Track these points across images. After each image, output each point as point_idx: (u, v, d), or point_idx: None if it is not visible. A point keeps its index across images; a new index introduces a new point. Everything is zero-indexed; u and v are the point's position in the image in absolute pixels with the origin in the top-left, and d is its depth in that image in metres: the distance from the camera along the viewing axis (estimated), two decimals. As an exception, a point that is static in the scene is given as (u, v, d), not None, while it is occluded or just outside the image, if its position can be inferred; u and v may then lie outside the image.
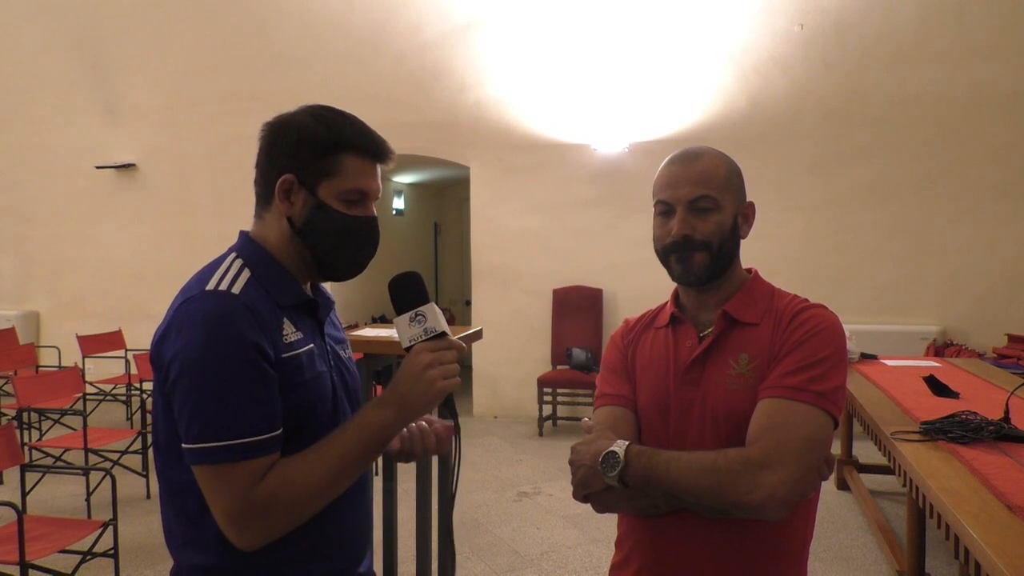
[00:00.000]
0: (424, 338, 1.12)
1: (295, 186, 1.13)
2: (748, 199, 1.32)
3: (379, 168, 1.18)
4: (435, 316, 1.12)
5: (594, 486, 1.20)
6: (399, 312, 1.14)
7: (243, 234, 1.20)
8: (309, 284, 1.23)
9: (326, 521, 1.13)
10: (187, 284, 1.12)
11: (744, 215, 1.30)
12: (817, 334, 1.19)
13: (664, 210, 1.28)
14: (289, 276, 1.16)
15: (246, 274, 1.11)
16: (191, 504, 1.08)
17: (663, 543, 1.25)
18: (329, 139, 1.12)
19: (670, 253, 1.27)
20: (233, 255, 1.15)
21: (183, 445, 1.04)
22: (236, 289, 1.07)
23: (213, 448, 1.01)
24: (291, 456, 1.07)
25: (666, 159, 1.31)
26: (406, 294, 1.14)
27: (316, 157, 1.12)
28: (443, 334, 1.12)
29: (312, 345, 1.15)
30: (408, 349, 1.13)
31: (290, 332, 1.12)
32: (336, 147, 1.12)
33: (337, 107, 1.18)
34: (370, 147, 1.15)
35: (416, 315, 1.13)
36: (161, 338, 1.08)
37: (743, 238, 1.30)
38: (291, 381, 1.09)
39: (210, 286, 1.07)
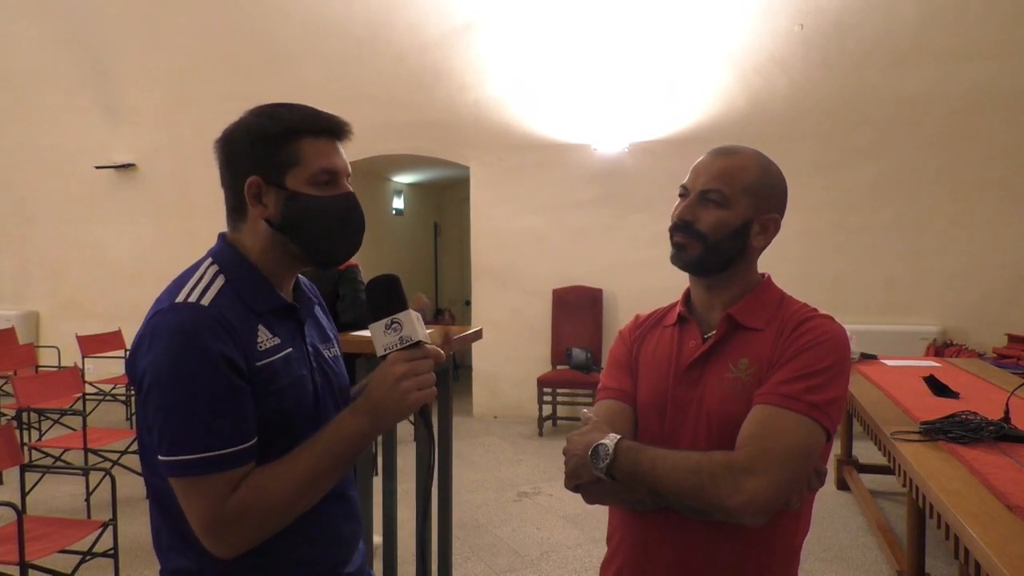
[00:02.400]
0: (399, 347, 1.09)
1: (263, 186, 1.12)
2: (780, 215, 1.29)
3: (340, 146, 1.17)
4: (411, 324, 1.10)
5: (584, 477, 1.21)
6: (376, 318, 1.11)
7: (221, 237, 1.20)
8: (292, 285, 1.22)
9: (309, 523, 1.13)
10: (162, 293, 1.12)
11: (763, 225, 1.27)
12: (819, 344, 1.19)
13: (682, 193, 1.30)
14: (265, 282, 1.15)
15: (220, 281, 1.10)
16: (173, 509, 1.09)
17: (649, 539, 1.26)
18: (279, 129, 1.11)
19: (672, 234, 1.28)
20: (209, 261, 1.14)
21: (158, 457, 1.04)
22: (206, 300, 1.07)
23: (184, 461, 1.02)
24: (265, 466, 1.07)
25: (706, 151, 1.33)
26: (383, 299, 1.11)
27: (272, 151, 1.11)
28: (418, 343, 1.10)
29: (290, 349, 1.15)
30: (383, 358, 1.10)
31: (265, 339, 1.11)
32: (288, 135, 1.11)
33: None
34: (321, 125, 1.14)
35: (392, 322, 1.10)
36: (135, 350, 1.08)
37: (756, 247, 1.28)
38: (267, 388, 1.09)
39: (180, 298, 1.07)
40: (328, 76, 6.44)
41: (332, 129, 1.15)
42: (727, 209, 1.24)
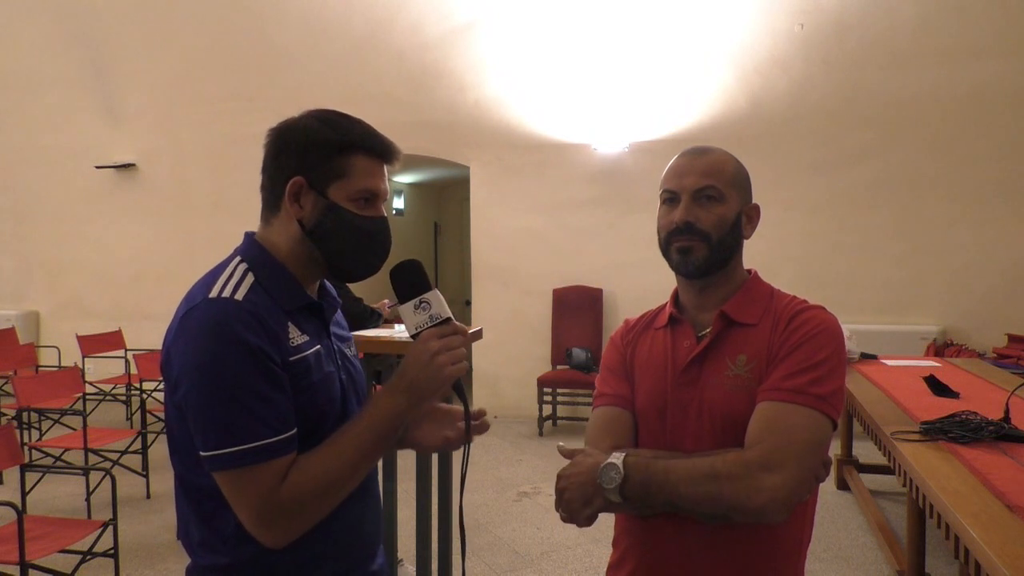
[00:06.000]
0: (430, 324, 1.13)
1: (304, 188, 1.13)
2: (754, 202, 1.33)
3: (386, 170, 1.18)
4: (440, 302, 1.14)
5: (596, 504, 1.17)
6: (403, 300, 1.14)
7: (248, 236, 1.20)
8: (317, 285, 1.24)
9: (334, 520, 1.14)
10: (191, 291, 1.12)
11: (748, 216, 1.30)
12: (816, 336, 1.19)
13: (669, 197, 1.29)
14: (293, 280, 1.16)
15: (250, 279, 1.11)
16: (207, 506, 1.10)
17: (658, 543, 1.25)
18: (338, 140, 1.13)
19: (672, 240, 1.27)
20: (238, 259, 1.15)
21: (201, 453, 1.04)
22: (239, 295, 1.08)
23: (232, 453, 1.02)
24: (309, 452, 1.09)
25: (677, 154, 1.33)
26: (409, 282, 1.15)
27: (325, 159, 1.12)
28: (448, 319, 1.13)
29: (319, 346, 1.16)
30: (415, 336, 1.14)
31: (296, 335, 1.12)
32: (345, 148, 1.13)
33: (339, 108, 1.19)
34: (378, 147, 1.16)
35: (421, 302, 1.13)
36: (169, 348, 1.09)
37: (746, 238, 1.31)
38: (300, 383, 1.10)
39: (213, 293, 1.07)
40: (328, 76, 6.44)
41: (385, 152, 1.17)
42: (723, 204, 1.26)
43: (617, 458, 1.16)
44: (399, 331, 2.81)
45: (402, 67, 6.38)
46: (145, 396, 5.10)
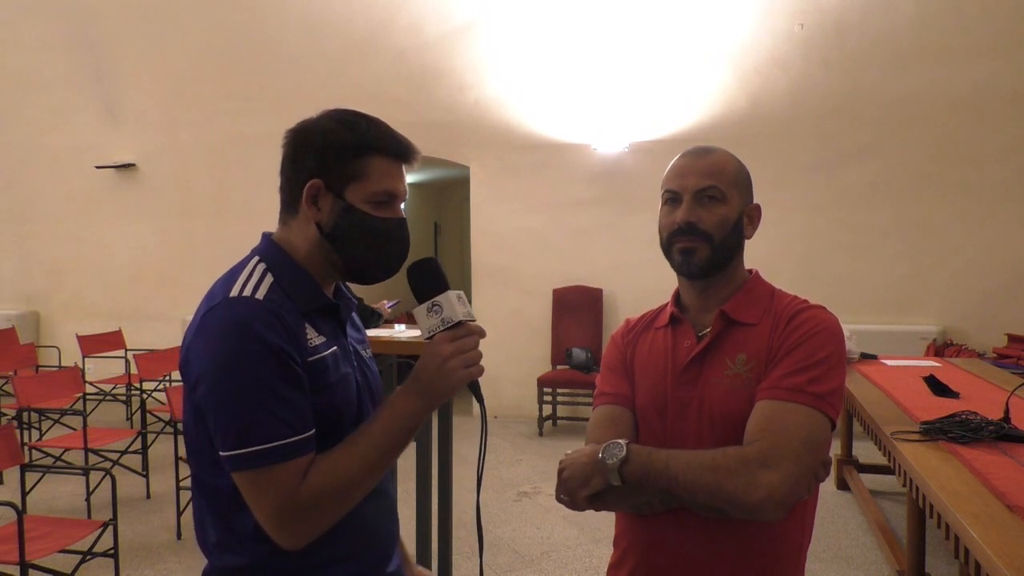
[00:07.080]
0: (442, 328, 1.12)
1: (322, 191, 1.12)
2: (755, 202, 1.33)
3: (404, 169, 1.18)
4: (451, 306, 1.12)
5: (594, 483, 1.19)
6: (419, 301, 1.14)
7: (266, 236, 1.20)
8: (333, 286, 1.23)
9: (350, 521, 1.14)
10: (211, 290, 1.12)
11: (749, 216, 1.31)
12: (815, 335, 1.19)
13: (671, 198, 1.29)
14: (311, 281, 1.16)
15: (269, 279, 1.11)
16: (224, 507, 1.10)
17: (658, 543, 1.25)
18: (355, 142, 1.12)
19: (674, 241, 1.27)
20: (256, 259, 1.14)
21: (220, 453, 1.04)
22: (260, 294, 1.08)
23: (253, 453, 1.02)
24: (327, 452, 1.08)
25: (679, 154, 1.33)
26: (423, 283, 1.14)
27: (342, 161, 1.12)
28: (460, 323, 1.12)
29: (336, 347, 1.16)
30: (429, 339, 1.13)
31: (313, 336, 1.12)
32: (362, 150, 1.12)
33: (335, 107, 1.19)
34: (396, 148, 1.15)
35: (433, 305, 1.12)
36: (189, 347, 1.09)
37: (747, 238, 1.31)
38: (317, 384, 1.10)
39: (233, 292, 1.07)
40: (328, 76, 6.44)
41: (403, 153, 1.16)
42: (725, 204, 1.26)
43: (622, 440, 1.18)
44: (399, 331, 2.81)
45: (402, 67, 6.38)
46: (145, 396, 5.11)
